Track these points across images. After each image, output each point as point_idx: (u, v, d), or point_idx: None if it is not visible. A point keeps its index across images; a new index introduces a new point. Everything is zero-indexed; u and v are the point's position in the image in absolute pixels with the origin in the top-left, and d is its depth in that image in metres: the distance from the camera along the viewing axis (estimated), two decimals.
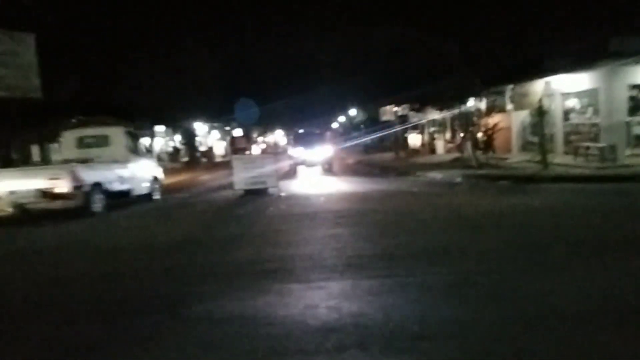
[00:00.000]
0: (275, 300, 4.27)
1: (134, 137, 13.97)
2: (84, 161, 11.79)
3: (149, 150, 14.98)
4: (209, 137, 45.23)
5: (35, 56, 18.16)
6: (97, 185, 11.08)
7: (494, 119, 19.56)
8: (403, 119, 31.49)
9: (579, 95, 16.73)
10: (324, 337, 3.40)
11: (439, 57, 24.90)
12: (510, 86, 19.19)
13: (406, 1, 31.35)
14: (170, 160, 38.24)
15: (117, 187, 11.91)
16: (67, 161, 12.07)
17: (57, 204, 10.52)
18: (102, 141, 12.84)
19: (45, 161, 21.94)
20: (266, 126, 59.06)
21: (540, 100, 15.78)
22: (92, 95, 27.41)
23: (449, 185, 13.37)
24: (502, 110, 20.32)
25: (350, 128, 46.00)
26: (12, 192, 10.54)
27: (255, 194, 12.73)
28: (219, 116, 40.20)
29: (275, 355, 3.18)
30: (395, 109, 33.24)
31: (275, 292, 4.49)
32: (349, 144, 34.89)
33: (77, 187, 10.53)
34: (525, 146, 19.50)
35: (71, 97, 23.88)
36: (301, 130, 30.07)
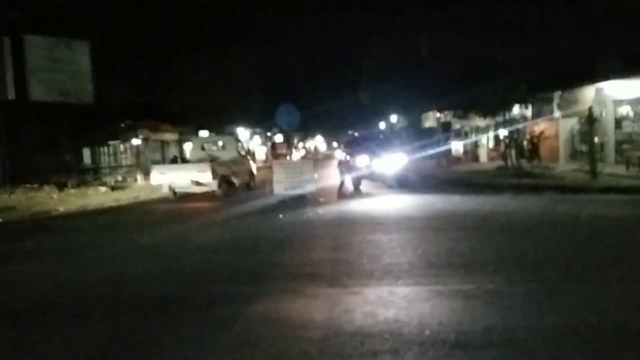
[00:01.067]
0: (311, 304, 4.31)
1: (240, 142, 19.08)
2: (213, 160, 15.73)
3: (248, 152, 19.64)
4: (250, 142, 46.00)
5: (89, 63, 19.03)
6: (223, 177, 15.11)
7: (540, 127, 18.99)
8: (446, 125, 31.03)
9: (632, 102, 16.03)
10: (359, 342, 3.41)
11: (483, 62, 24.43)
12: (559, 92, 18.60)
13: (450, 6, 30.94)
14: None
15: (233, 179, 15.76)
16: (200, 160, 16.23)
17: (200, 189, 14.80)
18: (220, 145, 17.76)
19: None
20: (306, 132, 59.51)
21: (590, 107, 15.21)
22: (141, 101, 28.44)
23: (490, 194, 13.05)
24: (549, 117, 19.72)
25: (390, 134, 45.70)
26: (172, 181, 15.04)
27: (295, 199, 12.85)
28: (261, 122, 40.82)
29: (310, 358, 3.21)
30: (438, 115, 32.80)
31: (311, 296, 4.54)
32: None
33: (214, 178, 14.48)
34: (574, 155, 18.83)
35: (121, 103, 24.86)
36: (357, 134, 28.26)
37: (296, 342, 3.46)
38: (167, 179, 15.04)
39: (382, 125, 56.01)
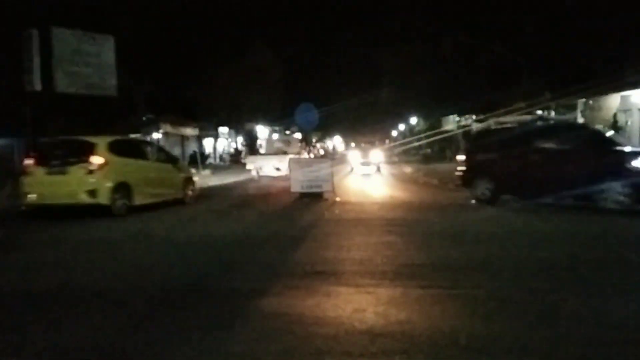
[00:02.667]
0: (324, 302, 4.33)
1: (302, 142, 24.83)
2: (285, 153, 21.67)
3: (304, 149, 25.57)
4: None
5: (114, 57, 19.30)
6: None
7: None
8: (465, 129, 30.73)
9: None
10: (370, 341, 3.42)
11: (504, 67, 24.14)
12: (583, 100, 18.29)
13: (472, 9, 30.60)
14: (231, 160, 39.40)
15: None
16: (277, 152, 22.35)
17: (277, 174, 20.02)
18: (287, 143, 23.72)
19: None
20: (325, 131, 59.51)
21: (615, 115, 14.93)
22: (163, 95, 28.73)
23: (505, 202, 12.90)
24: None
25: (410, 136, 45.42)
26: (260, 168, 21.31)
27: (311, 197, 12.88)
28: (280, 119, 40.97)
29: (321, 354, 3.23)
30: (458, 118, 32.54)
31: (323, 294, 4.55)
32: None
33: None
34: None
35: (144, 97, 25.16)
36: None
37: (307, 339, 3.48)
38: (256, 165, 21.93)
39: (401, 127, 55.64)
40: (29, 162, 10.22)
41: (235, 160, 39.32)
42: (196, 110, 33.19)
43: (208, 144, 40.70)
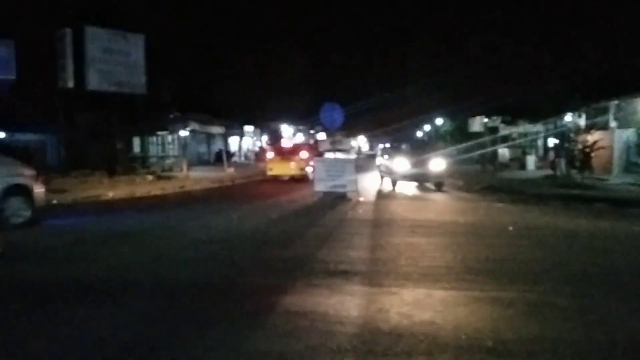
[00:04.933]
0: (347, 301, 4.33)
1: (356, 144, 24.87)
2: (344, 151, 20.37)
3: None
4: (294, 139, 46.33)
5: (143, 55, 19.67)
6: None
7: (594, 136, 18.22)
8: (493, 131, 30.29)
9: None
10: (393, 341, 3.41)
11: (534, 68, 23.68)
12: (615, 102, 17.82)
13: (502, 10, 30.13)
14: (256, 159, 39.69)
15: None
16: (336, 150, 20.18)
17: None
18: (339, 142, 20.74)
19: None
20: (350, 131, 59.34)
21: None
22: (191, 94, 29.14)
23: (536, 204, 12.67)
24: (603, 127, 18.91)
25: (435, 138, 44.95)
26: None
27: (334, 197, 12.88)
28: (304, 118, 41.08)
29: (345, 353, 3.24)
30: (485, 120, 32.06)
31: (347, 293, 4.56)
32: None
33: None
34: (629, 167, 18.00)
35: (172, 95, 25.56)
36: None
37: (330, 337, 3.49)
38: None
39: (426, 128, 55.19)
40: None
41: (259, 158, 39.58)
42: (222, 109, 33.57)
43: (233, 142, 41.10)
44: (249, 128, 41.61)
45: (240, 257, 6.29)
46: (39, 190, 8.90)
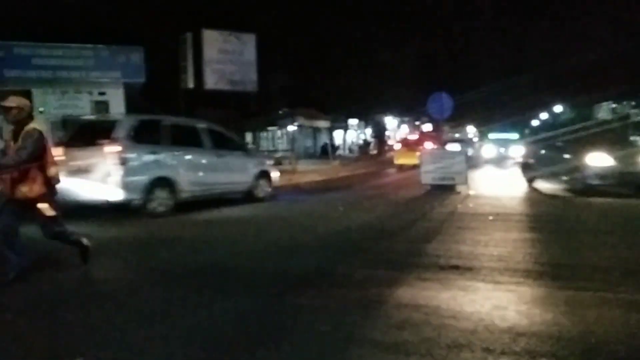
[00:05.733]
0: (460, 296, 4.22)
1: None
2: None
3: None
4: (398, 131, 45.80)
5: (255, 54, 20.68)
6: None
7: None
8: (623, 117, 27.33)
9: None
10: (512, 340, 3.27)
11: None
12: None
13: None
14: (360, 152, 39.88)
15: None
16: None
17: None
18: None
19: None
20: (458, 122, 57.21)
21: None
22: (298, 89, 30.05)
23: None
24: None
25: (554, 126, 41.65)
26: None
27: (443, 189, 12.54)
28: (409, 110, 40.37)
29: (460, 347, 3.17)
30: (614, 105, 29.06)
31: (459, 288, 4.44)
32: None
33: None
34: None
35: (281, 92, 26.58)
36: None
37: (444, 331, 3.44)
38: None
39: (544, 115, 51.32)
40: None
41: (364, 151, 39.72)
42: (328, 103, 34.16)
43: (338, 135, 41.67)
44: (353, 121, 41.89)
45: (348, 248, 6.40)
46: (274, 175, 12.21)
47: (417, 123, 46.59)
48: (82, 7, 17.75)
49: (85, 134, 9.14)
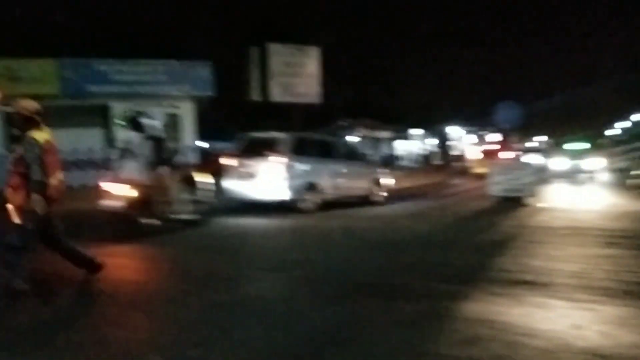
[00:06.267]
0: (534, 313, 4.02)
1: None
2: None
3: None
4: (463, 141, 44.59)
5: (318, 66, 20.95)
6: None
7: None
8: None
9: None
10: None
11: None
12: None
13: None
14: (424, 163, 39.21)
15: None
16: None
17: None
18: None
19: None
20: (527, 131, 54.91)
21: None
22: (360, 100, 30.10)
23: None
24: None
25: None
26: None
27: (512, 201, 12.04)
28: (475, 119, 39.26)
29: None
30: None
31: (532, 304, 4.23)
32: None
33: None
34: None
35: (344, 103, 26.73)
36: None
37: (517, 348, 3.28)
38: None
39: (619, 125, 48.28)
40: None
41: (427, 162, 39.01)
42: (390, 114, 33.93)
43: (400, 146, 41.20)
44: (415, 131, 41.27)
45: (415, 260, 6.28)
46: (389, 182, 13.91)
47: (482, 133, 45.16)
48: (155, 24, 18.82)
49: (254, 147, 11.05)
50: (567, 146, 28.08)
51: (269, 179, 10.52)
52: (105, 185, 7.94)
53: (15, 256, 4.57)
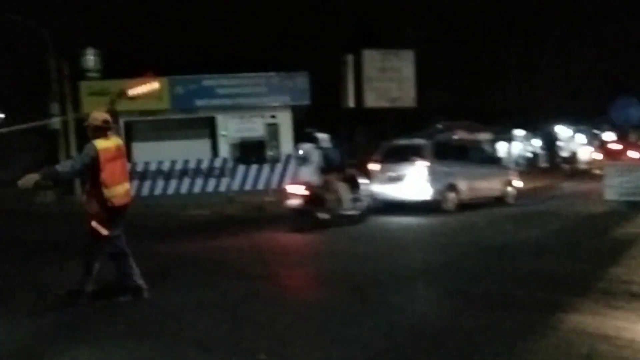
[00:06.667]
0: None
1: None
2: None
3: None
4: (572, 141, 41.38)
5: (413, 70, 20.68)
6: None
7: None
8: None
9: None
10: None
11: None
12: None
13: None
14: (528, 165, 36.97)
15: None
16: None
17: None
18: None
19: None
20: None
21: None
22: (459, 102, 29.22)
23: None
24: None
25: None
26: None
27: (630, 206, 10.95)
28: (587, 118, 36.26)
29: None
30: None
31: None
32: None
33: None
34: None
35: (439, 105, 26.12)
36: None
37: None
38: None
39: None
40: None
41: (532, 164, 36.72)
42: (492, 114, 32.51)
43: (502, 148, 39.21)
44: (519, 132, 39.03)
45: (519, 267, 5.98)
46: (519, 184, 14.15)
47: (595, 131, 41.53)
48: (255, 39, 19.80)
49: (398, 153, 11.89)
50: None
51: (414, 181, 11.27)
52: (288, 187, 9.75)
53: (122, 263, 4.79)
